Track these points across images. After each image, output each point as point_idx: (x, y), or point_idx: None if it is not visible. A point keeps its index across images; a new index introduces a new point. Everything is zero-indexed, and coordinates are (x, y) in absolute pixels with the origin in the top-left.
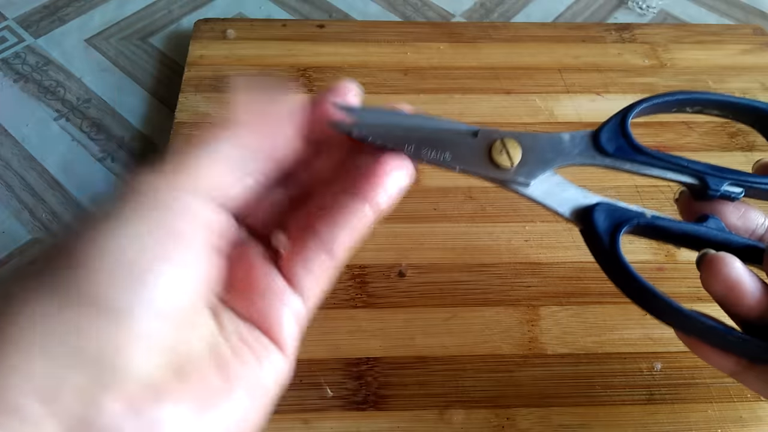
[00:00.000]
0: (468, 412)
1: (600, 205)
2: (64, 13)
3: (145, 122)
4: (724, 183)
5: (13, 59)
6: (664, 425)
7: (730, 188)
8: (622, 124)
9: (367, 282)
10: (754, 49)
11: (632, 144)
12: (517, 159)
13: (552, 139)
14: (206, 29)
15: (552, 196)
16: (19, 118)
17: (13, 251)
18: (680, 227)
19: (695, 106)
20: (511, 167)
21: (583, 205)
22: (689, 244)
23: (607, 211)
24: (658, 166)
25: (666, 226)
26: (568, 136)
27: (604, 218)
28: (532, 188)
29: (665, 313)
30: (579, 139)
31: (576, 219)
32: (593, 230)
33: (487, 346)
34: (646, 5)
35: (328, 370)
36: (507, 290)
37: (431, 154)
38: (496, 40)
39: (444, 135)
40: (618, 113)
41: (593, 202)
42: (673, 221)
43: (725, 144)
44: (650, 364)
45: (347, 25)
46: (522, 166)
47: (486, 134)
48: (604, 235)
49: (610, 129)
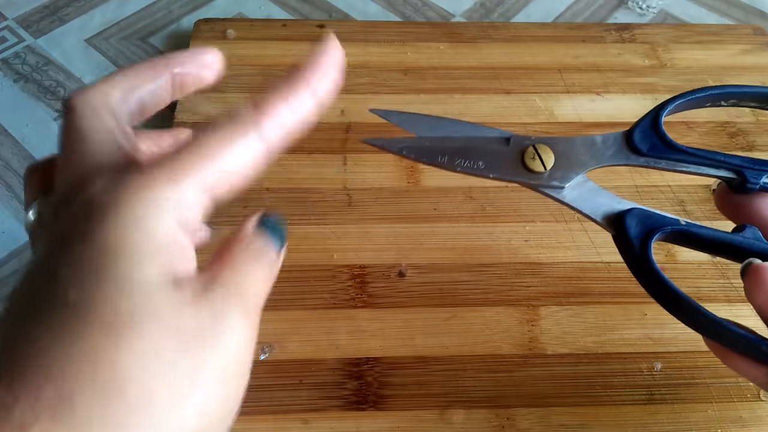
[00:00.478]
0: (468, 412)
1: (633, 211)
2: (64, 13)
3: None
4: (763, 175)
5: (13, 59)
6: (664, 425)
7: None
8: (654, 122)
9: (367, 282)
10: (754, 49)
11: (666, 141)
12: (551, 164)
13: (585, 141)
14: (206, 29)
15: (585, 202)
16: (19, 118)
17: (13, 251)
18: (716, 235)
19: (730, 99)
20: (545, 172)
21: (615, 211)
22: (725, 252)
23: (640, 217)
24: (694, 162)
25: (701, 233)
26: (600, 137)
27: (636, 224)
28: (566, 192)
29: (697, 321)
30: (612, 140)
31: (608, 224)
32: (625, 236)
33: (487, 346)
34: (646, 5)
35: (328, 370)
36: (507, 290)
37: (465, 163)
38: (496, 40)
39: (476, 143)
40: (651, 111)
41: (626, 207)
42: (709, 229)
43: (725, 144)
44: (650, 364)
45: (347, 25)
46: (556, 170)
47: (518, 140)
48: (636, 241)
49: (643, 128)
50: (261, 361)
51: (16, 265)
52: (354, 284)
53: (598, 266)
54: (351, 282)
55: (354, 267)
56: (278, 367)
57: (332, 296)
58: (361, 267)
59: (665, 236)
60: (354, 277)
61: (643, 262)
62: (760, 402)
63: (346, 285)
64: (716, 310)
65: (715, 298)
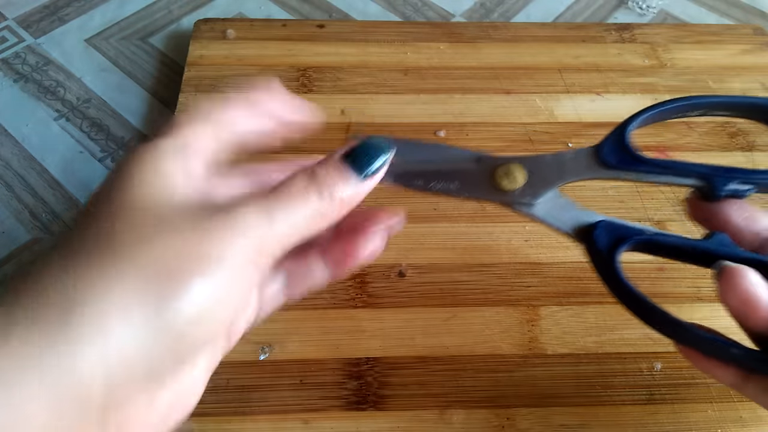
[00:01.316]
0: (468, 412)
1: (601, 224)
2: (64, 13)
3: (145, 122)
4: (730, 182)
5: (13, 59)
6: (664, 425)
7: (737, 186)
8: (621, 137)
9: (367, 282)
10: (754, 49)
11: (633, 155)
12: (522, 182)
13: (555, 158)
14: (206, 29)
15: (555, 216)
16: (19, 118)
17: (13, 251)
18: (683, 243)
19: (697, 110)
20: (516, 189)
21: (584, 224)
22: (693, 259)
23: (608, 229)
24: (661, 173)
25: (667, 242)
26: (571, 153)
27: (604, 236)
28: (537, 208)
29: (665, 326)
30: (582, 156)
31: (578, 237)
32: (594, 248)
33: (487, 346)
34: (646, 5)
35: (328, 370)
36: (507, 290)
37: (440, 185)
38: (496, 40)
39: (450, 165)
40: (617, 127)
41: (595, 220)
42: (676, 237)
43: (725, 144)
44: (650, 364)
45: (347, 25)
46: (527, 187)
47: (490, 161)
48: (604, 252)
49: (610, 143)
50: (261, 361)
51: (16, 265)
52: (354, 284)
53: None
54: (351, 282)
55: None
56: (278, 367)
57: (332, 296)
58: (361, 267)
59: (634, 246)
60: (354, 277)
61: (611, 273)
62: None
63: (346, 285)
64: (716, 312)
65: (715, 299)
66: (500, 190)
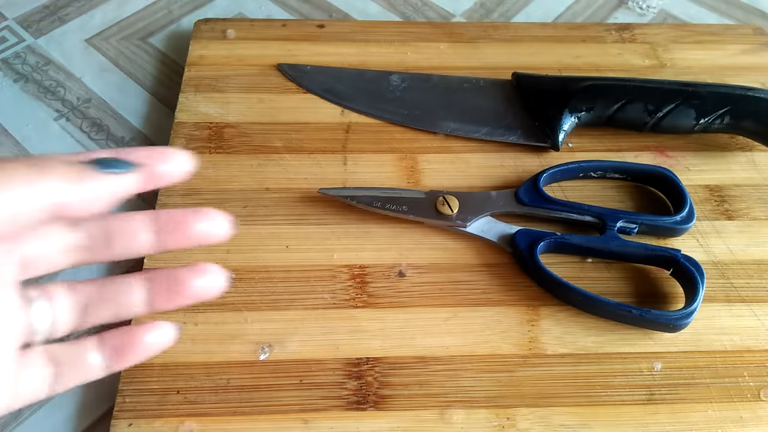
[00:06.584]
0: (468, 412)
1: (520, 231)
2: (64, 13)
3: (145, 122)
4: (617, 221)
5: (13, 59)
6: (664, 425)
7: (624, 224)
8: (535, 183)
9: (367, 282)
10: (754, 49)
11: (544, 196)
12: (456, 209)
13: (483, 195)
14: (206, 29)
15: (484, 231)
16: (19, 118)
17: None
18: (583, 242)
19: (597, 171)
20: (452, 214)
21: (507, 233)
22: (593, 254)
23: (526, 235)
24: (565, 210)
25: (572, 242)
26: (495, 193)
27: (524, 239)
28: (470, 228)
29: (582, 302)
30: (504, 195)
31: (505, 244)
32: (517, 248)
33: (487, 346)
34: (646, 5)
35: (328, 370)
36: (507, 290)
37: (393, 207)
38: (496, 40)
39: (403, 195)
40: (531, 178)
41: (515, 230)
42: (579, 237)
43: (726, 144)
44: (650, 364)
45: (347, 25)
46: (460, 213)
47: (432, 194)
48: (525, 250)
49: (526, 187)
50: (261, 361)
51: None
52: (354, 284)
53: (599, 266)
54: (351, 282)
55: (354, 267)
56: (278, 367)
57: (332, 296)
58: (361, 267)
59: (548, 246)
60: (354, 277)
61: (533, 264)
62: (760, 402)
63: (346, 285)
64: (716, 311)
65: (715, 298)
66: (440, 214)
